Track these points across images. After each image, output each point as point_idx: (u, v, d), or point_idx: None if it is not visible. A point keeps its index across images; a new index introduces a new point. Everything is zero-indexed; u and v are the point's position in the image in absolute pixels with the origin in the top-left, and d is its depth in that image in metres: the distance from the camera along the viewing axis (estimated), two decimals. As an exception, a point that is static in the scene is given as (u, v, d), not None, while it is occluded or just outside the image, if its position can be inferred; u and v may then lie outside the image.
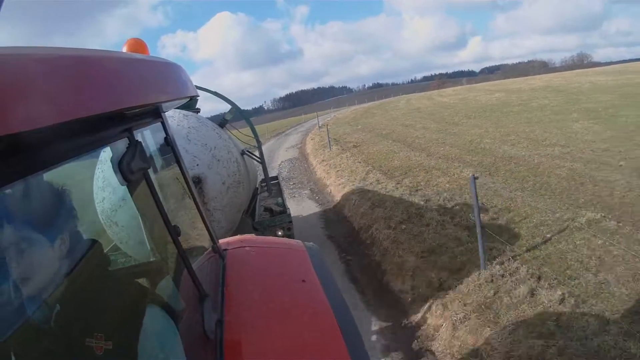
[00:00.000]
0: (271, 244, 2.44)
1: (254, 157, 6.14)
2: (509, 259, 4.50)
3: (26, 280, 0.68)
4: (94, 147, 0.85)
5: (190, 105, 5.50)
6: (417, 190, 7.71)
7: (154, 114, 1.34)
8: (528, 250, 4.71)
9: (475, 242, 4.49)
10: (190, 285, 1.31)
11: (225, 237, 2.31)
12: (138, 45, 1.57)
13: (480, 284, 4.17)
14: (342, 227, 7.25)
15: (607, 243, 4.40)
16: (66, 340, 0.75)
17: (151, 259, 1.38)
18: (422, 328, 4.11)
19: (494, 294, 3.98)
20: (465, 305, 3.97)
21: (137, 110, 1.04)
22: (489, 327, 3.60)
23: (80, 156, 0.79)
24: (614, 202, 5.66)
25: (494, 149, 10.51)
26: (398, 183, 8.32)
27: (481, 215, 4.45)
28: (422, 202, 6.89)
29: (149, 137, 1.31)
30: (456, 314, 3.89)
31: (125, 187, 1.02)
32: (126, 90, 0.89)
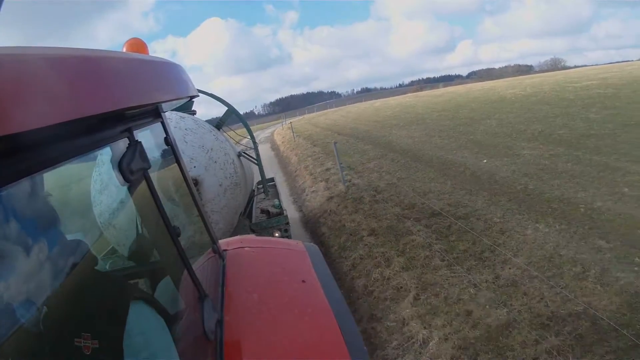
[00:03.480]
0: (271, 244, 2.44)
1: (251, 158, 6.14)
2: (298, 137, 19.76)
3: (18, 282, 0.67)
4: (94, 147, 0.85)
5: (186, 107, 5.50)
6: (299, 135, 19.93)
7: (154, 113, 1.33)
8: (305, 138, 19.14)
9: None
10: (190, 286, 1.30)
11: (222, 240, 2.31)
12: (138, 45, 1.56)
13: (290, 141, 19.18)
14: (275, 148, 20.34)
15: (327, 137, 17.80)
16: (55, 342, 0.74)
17: (149, 261, 1.37)
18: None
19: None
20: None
21: (137, 110, 1.04)
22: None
23: (80, 156, 0.78)
24: (347, 131, 19.54)
25: (339, 124, 25.72)
26: (296, 133, 21.10)
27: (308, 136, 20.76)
28: (294, 135, 19.99)
29: (148, 136, 1.31)
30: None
31: (122, 189, 1.01)
32: (126, 90, 0.89)
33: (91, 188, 1.91)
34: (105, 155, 0.98)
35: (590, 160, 7.37)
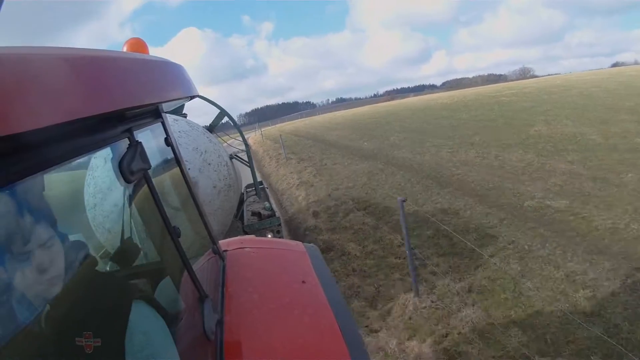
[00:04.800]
0: (271, 245, 2.44)
1: (243, 161, 6.15)
2: (267, 139, 27.03)
3: (18, 282, 0.67)
4: (94, 147, 0.85)
5: (177, 109, 5.51)
6: (267, 138, 27.50)
7: (155, 114, 1.33)
8: (272, 140, 25.36)
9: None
10: (191, 286, 1.30)
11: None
12: (138, 45, 1.56)
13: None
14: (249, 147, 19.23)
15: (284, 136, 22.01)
16: (56, 340, 0.74)
17: (144, 262, 1.37)
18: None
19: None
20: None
21: (137, 110, 1.04)
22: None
23: (80, 156, 0.78)
24: (302, 134, 27.04)
25: (299, 129, 32.05)
26: (265, 137, 28.20)
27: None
28: (263, 138, 28.04)
29: (149, 137, 1.30)
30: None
31: (116, 193, 1.01)
32: (126, 90, 0.89)
33: (84, 191, 1.90)
34: (98, 160, 0.97)
35: (416, 139, 14.72)
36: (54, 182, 0.84)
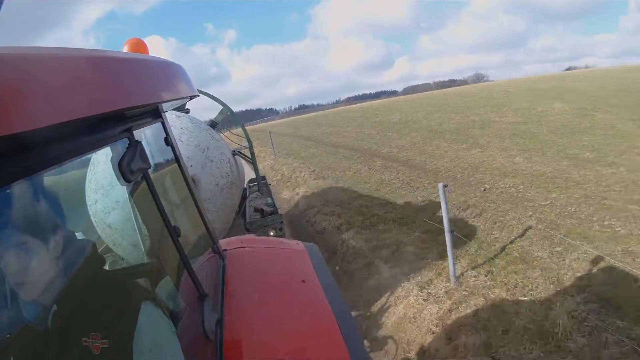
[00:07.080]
0: (271, 244, 2.44)
1: (246, 157, 6.13)
2: None
3: (23, 281, 0.68)
4: (94, 147, 0.85)
5: (180, 106, 5.48)
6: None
7: (154, 113, 1.33)
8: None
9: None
10: (190, 286, 1.30)
11: (219, 239, 2.30)
12: (138, 45, 1.56)
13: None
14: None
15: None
16: (63, 340, 0.74)
17: (145, 261, 1.37)
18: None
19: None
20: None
21: (137, 110, 1.04)
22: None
23: (80, 156, 0.78)
24: (258, 130, 37.94)
25: (255, 129, 38.36)
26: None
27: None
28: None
29: (149, 136, 1.30)
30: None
31: (118, 189, 1.02)
32: (126, 90, 0.89)
33: (86, 187, 1.90)
34: (99, 157, 0.98)
35: (317, 126, 29.06)
36: (55, 181, 0.84)
